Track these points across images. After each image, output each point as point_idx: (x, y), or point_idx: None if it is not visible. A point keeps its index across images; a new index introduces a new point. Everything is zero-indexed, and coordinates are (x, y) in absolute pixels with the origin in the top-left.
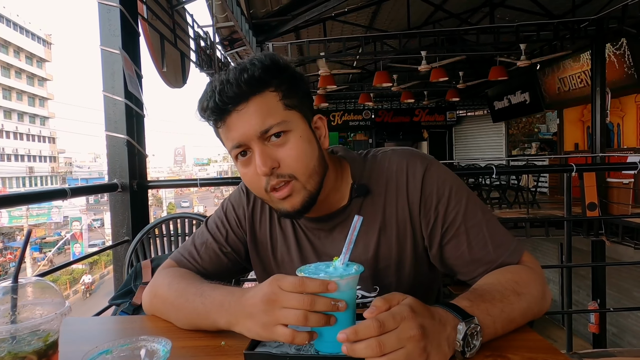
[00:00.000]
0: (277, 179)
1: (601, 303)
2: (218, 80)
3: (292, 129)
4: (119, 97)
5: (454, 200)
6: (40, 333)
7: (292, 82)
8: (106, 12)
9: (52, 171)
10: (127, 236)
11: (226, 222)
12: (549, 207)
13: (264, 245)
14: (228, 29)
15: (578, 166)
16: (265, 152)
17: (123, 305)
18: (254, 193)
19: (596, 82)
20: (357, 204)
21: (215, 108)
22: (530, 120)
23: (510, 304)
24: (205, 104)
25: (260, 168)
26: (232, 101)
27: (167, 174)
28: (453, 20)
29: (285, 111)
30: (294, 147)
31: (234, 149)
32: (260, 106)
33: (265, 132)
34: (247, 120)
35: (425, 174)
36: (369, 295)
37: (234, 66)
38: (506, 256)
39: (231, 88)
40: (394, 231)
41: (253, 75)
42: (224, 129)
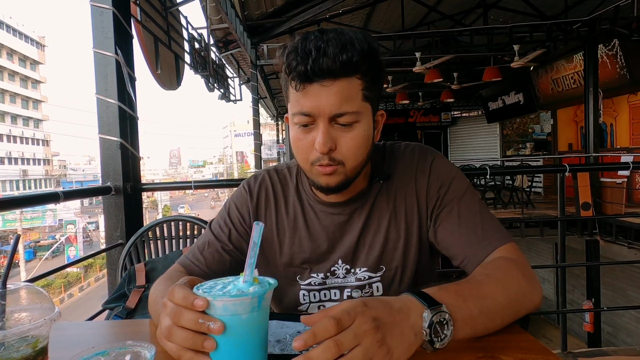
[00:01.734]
0: (328, 160)
1: (596, 302)
2: (314, 44)
3: (360, 120)
4: (112, 100)
5: (453, 187)
6: (30, 339)
7: (377, 73)
8: (99, 15)
9: (46, 174)
10: (120, 239)
11: (229, 221)
12: (544, 207)
13: (269, 241)
14: (222, 31)
15: (571, 166)
16: (329, 133)
17: (117, 309)
18: (297, 159)
19: (589, 83)
20: (376, 189)
21: (304, 73)
22: (525, 120)
23: (479, 283)
24: (293, 63)
25: (319, 145)
26: (321, 74)
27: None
28: (447, 22)
29: (362, 102)
30: (356, 138)
31: (299, 115)
32: (343, 89)
33: (338, 115)
34: (326, 97)
35: (433, 164)
36: (375, 275)
37: (334, 34)
38: (493, 240)
39: (326, 62)
40: (402, 216)
41: (351, 59)
42: (300, 93)
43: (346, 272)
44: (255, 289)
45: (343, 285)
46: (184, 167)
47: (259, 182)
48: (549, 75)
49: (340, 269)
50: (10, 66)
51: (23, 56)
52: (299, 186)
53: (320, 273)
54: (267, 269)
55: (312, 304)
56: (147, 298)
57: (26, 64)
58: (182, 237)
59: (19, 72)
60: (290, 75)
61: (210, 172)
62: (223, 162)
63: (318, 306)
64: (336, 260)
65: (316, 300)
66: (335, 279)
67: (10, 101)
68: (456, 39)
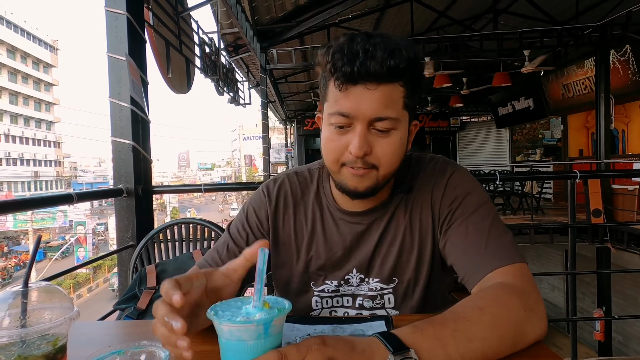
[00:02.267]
0: (362, 164)
1: (606, 310)
2: (362, 46)
3: (398, 128)
4: (125, 104)
5: (467, 201)
6: (50, 337)
7: (418, 82)
8: (113, 20)
9: (57, 175)
10: (131, 241)
11: (247, 226)
12: (554, 213)
13: (287, 245)
14: (233, 35)
15: (582, 173)
16: (366, 137)
17: (128, 309)
18: (326, 159)
19: (600, 89)
20: (397, 201)
21: (349, 74)
22: (535, 126)
23: (467, 321)
24: (339, 63)
25: (355, 149)
26: (367, 77)
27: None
28: (457, 27)
29: (402, 109)
30: (392, 144)
31: (337, 115)
32: (386, 94)
33: (377, 120)
34: (368, 101)
35: (450, 178)
36: (387, 287)
37: (381, 39)
38: (497, 259)
39: (374, 65)
40: (417, 229)
41: (398, 65)
42: (341, 94)
43: (360, 281)
44: (261, 315)
45: (356, 293)
46: (192, 169)
47: (278, 185)
48: (560, 80)
49: (355, 277)
50: (24, 69)
51: (36, 59)
52: (319, 190)
53: (334, 280)
54: (282, 273)
55: (324, 310)
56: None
57: (39, 66)
58: (192, 240)
59: (33, 74)
60: (334, 74)
61: (219, 175)
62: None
63: (330, 312)
64: (351, 269)
65: (328, 307)
66: (349, 287)
67: (23, 103)
68: (466, 44)
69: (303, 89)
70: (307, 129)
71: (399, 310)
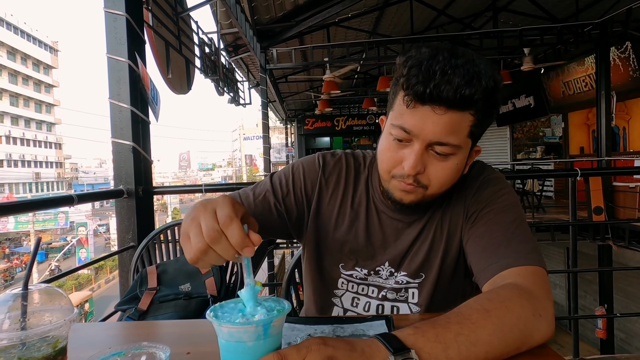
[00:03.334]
0: (412, 180)
1: (608, 308)
2: (440, 66)
3: (457, 154)
4: (125, 104)
5: (494, 202)
6: (50, 339)
7: (491, 110)
8: (112, 21)
9: (58, 177)
10: (132, 242)
11: (291, 183)
12: (555, 211)
13: (326, 220)
14: (232, 35)
15: (583, 171)
16: (421, 157)
17: (129, 310)
18: (379, 165)
19: (601, 86)
20: (431, 202)
21: (420, 94)
22: (535, 124)
23: (472, 324)
24: (413, 80)
25: (409, 167)
26: (437, 100)
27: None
28: (456, 25)
29: (466, 137)
30: (447, 169)
31: (398, 129)
32: (453, 121)
33: (437, 144)
34: (434, 123)
35: (483, 179)
36: (413, 281)
37: (464, 61)
38: (512, 258)
39: (447, 91)
40: (447, 226)
41: (473, 95)
42: (409, 110)
43: (389, 274)
44: (261, 316)
45: (382, 286)
46: (193, 170)
47: (336, 160)
48: (560, 78)
49: (385, 270)
50: (25, 70)
51: (37, 61)
52: (369, 178)
53: (364, 269)
54: (313, 246)
55: (348, 292)
56: (159, 300)
57: (40, 68)
58: None
59: (33, 76)
60: (405, 89)
61: (220, 175)
62: (232, 165)
63: (352, 298)
64: (383, 262)
65: (353, 291)
66: (378, 278)
67: (24, 105)
68: (465, 42)
69: (303, 89)
70: (308, 128)
71: (421, 305)
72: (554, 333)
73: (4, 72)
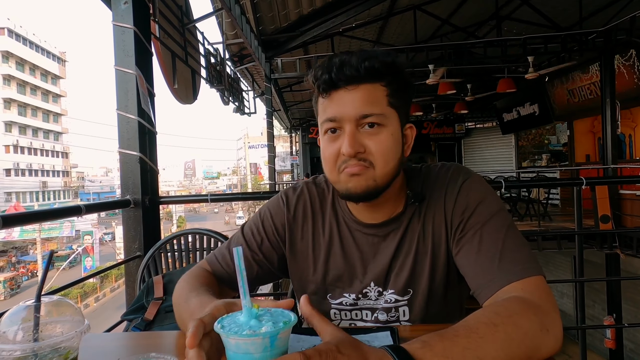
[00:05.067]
0: (356, 161)
1: (617, 318)
2: (339, 58)
3: (386, 125)
4: (132, 116)
5: (479, 210)
6: (61, 350)
7: (402, 85)
8: (120, 34)
9: (64, 185)
10: (139, 251)
11: (262, 230)
12: (561, 219)
13: (304, 255)
14: (238, 46)
15: (588, 179)
16: (355, 136)
17: (135, 320)
18: (325, 170)
19: (606, 94)
20: (410, 211)
21: (329, 80)
22: (540, 131)
23: (480, 338)
24: (319, 73)
25: (346, 148)
26: (345, 79)
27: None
28: (460, 34)
29: (387, 107)
30: (384, 141)
31: (326, 122)
32: (368, 93)
33: (363, 117)
34: (351, 101)
35: (464, 184)
36: (402, 299)
37: (359, 51)
38: (512, 272)
39: (350, 69)
40: (430, 238)
41: (373, 66)
42: (326, 101)
43: (378, 295)
44: (267, 328)
45: (374, 307)
46: (198, 178)
47: (297, 194)
48: (565, 86)
49: (373, 291)
50: (33, 81)
51: (45, 71)
52: (335, 202)
53: (352, 294)
54: (300, 284)
55: (343, 321)
56: (165, 310)
57: (47, 78)
58: (199, 250)
59: (41, 86)
60: (317, 85)
61: (224, 184)
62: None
63: (349, 324)
64: (368, 283)
65: (347, 319)
66: (367, 301)
67: (32, 114)
68: (469, 50)
69: (308, 97)
70: (312, 136)
71: (414, 322)
72: (561, 347)
73: (12, 82)
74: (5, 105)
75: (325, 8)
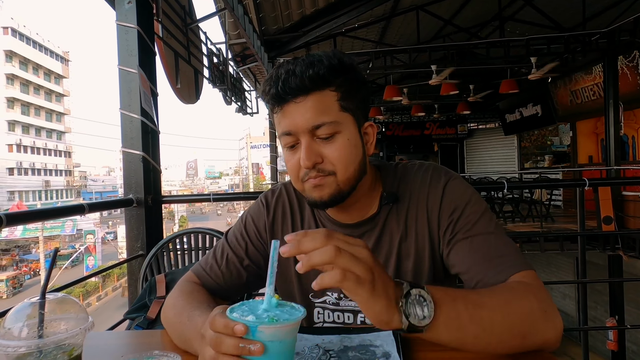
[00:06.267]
0: (317, 172)
1: (619, 319)
2: (284, 68)
3: (341, 131)
4: (135, 115)
5: (467, 211)
6: (66, 347)
7: (354, 85)
8: (124, 33)
9: (67, 185)
10: (141, 250)
11: (245, 235)
12: (564, 220)
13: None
14: (240, 46)
15: (591, 180)
16: (311, 147)
17: (138, 319)
18: (292, 181)
19: (609, 95)
20: (386, 212)
21: (276, 95)
22: (543, 132)
23: (482, 295)
24: (267, 89)
25: (304, 161)
26: (292, 92)
27: (179, 187)
28: (463, 35)
29: (339, 112)
30: (340, 148)
31: (283, 136)
32: (317, 102)
33: (316, 128)
34: (302, 113)
35: (447, 185)
36: None
37: (303, 58)
38: (505, 266)
39: (295, 80)
40: (413, 239)
41: (318, 73)
42: (279, 115)
43: None
44: (296, 314)
45: (357, 310)
46: (200, 178)
47: (276, 197)
48: (568, 87)
49: None
50: (36, 80)
51: (48, 70)
52: None
53: (334, 292)
54: (283, 284)
55: (326, 324)
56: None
57: (51, 78)
58: (201, 249)
59: (44, 85)
60: (266, 101)
61: (226, 184)
62: (239, 173)
63: (333, 327)
64: None
65: (330, 321)
66: (349, 302)
67: (35, 114)
68: (472, 51)
69: None
70: None
71: None
72: (559, 335)
73: (16, 81)
74: (9, 104)
75: (327, 8)
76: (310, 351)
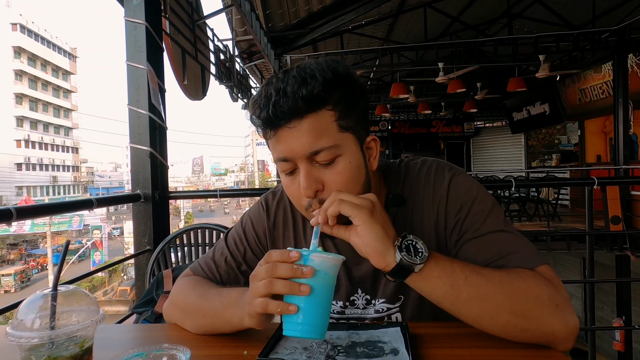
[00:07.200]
0: (318, 203)
1: (627, 320)
2: (274, 87)
3: (342, 154)
4: (143, 111)
5: (475, 208)
6: (77, 339)
7: (352, 97)
8: (132, 29)
9: (74, 180)
10: (148, 246)
11: (244, 240)
12: (571, 220)
13: None
14: (247, 42)
15: (599, 179)
16: (310, 174)
17: (145, 313)
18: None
19: (618, 93)
20: (392, 215)
21: (267, 120)
22: (551, 131)
23: (481, 267)
24: (257, 112)
25: (304, 190)
26: (285, 116)
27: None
28: (470, 32)
29: (339, 133)
30: (342, 172)
31: (279, 162)
32: (313, 125)
33: (314, 154)
34: (297, 138)
35: (451, 182)
36: (393, 306)
37: (294, 73)
38: (524, 262)
39: (287, 102)
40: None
41: (312, 92)
42: (273, 140)
43: (366, 303)
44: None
45: (363, 317)
46: (206, 175)
47: (277, 200)
48: (576, 85)
49: (360, 299)
50: (44, 76)
51: (56, 67)
52: None
53: (339, 301)
54: None
55: None
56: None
57: (59, 74)
58: (208, 244)
59: (52, 82)
60: (259, 126)
61: (232, 180)
62: (245, 170)
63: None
64: (355, 290)
65: None
66: (355, 309)
67: (42, 110)
68: (480, 49)
69: None
70: None
71: None
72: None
73: (24, 77)
74: (17, 100)
75: (334, 5)
76: (319, 346)
